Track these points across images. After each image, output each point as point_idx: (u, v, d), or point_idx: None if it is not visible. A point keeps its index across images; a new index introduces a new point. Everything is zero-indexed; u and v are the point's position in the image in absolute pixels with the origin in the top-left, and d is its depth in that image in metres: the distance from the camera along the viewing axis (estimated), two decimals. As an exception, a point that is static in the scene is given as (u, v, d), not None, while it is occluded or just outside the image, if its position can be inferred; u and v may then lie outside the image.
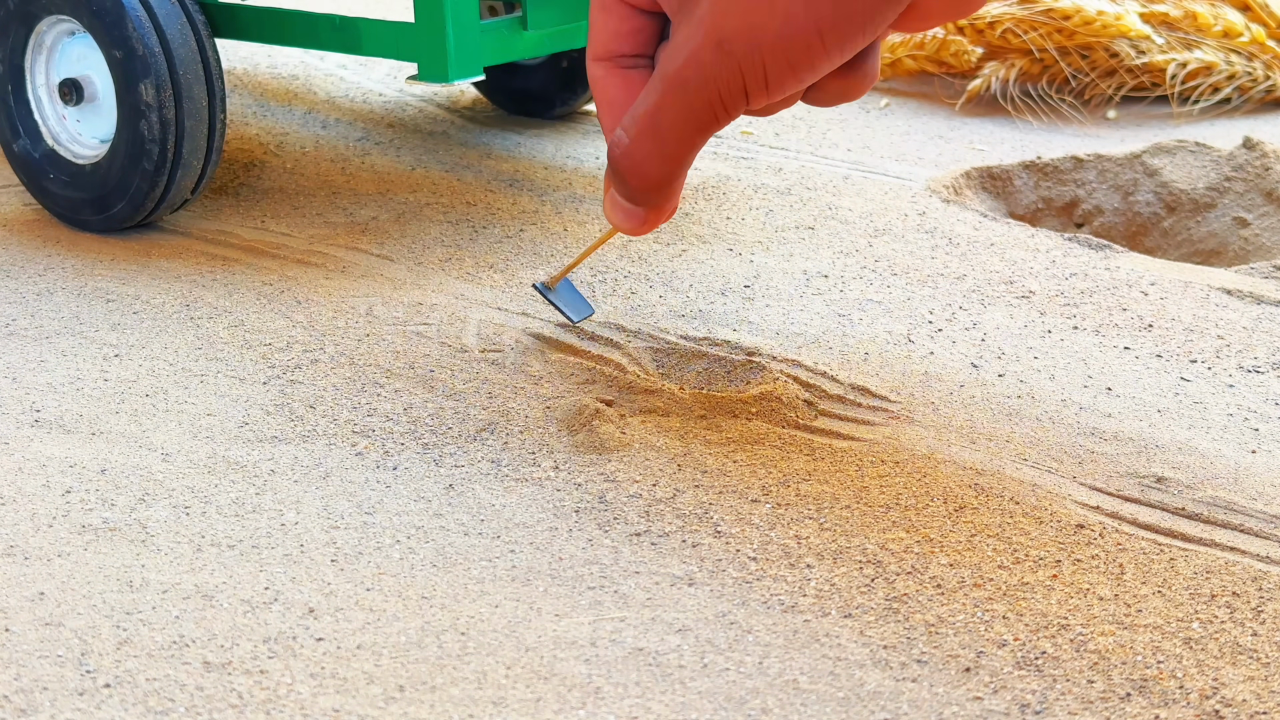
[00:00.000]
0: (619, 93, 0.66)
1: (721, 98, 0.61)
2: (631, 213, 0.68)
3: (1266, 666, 0.55)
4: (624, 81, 0.66)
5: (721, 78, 0.60)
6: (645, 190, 0.65)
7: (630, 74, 0.66)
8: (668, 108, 0.62)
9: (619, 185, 0.65)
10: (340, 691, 0.54)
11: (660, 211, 0.67)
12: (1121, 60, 1.36)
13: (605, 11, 0.65)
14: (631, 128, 0.64)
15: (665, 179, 0.65)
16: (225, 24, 0.98)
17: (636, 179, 0.65)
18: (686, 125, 0.62)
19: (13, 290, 0.89)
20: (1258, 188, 1.12)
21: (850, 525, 0.65)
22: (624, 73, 0.66)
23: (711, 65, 0.59)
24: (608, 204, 0.68)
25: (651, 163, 0.64)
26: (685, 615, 0.59)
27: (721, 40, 0.59)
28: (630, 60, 0.66)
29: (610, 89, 0.66)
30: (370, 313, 0.86)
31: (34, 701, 0.52)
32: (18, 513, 0.65)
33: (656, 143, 0.63)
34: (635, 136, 0.64)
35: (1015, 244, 0.98)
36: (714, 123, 0.62)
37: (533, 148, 1.16)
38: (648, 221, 0.67)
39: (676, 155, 0.64)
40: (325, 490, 0.68)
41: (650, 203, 0.66)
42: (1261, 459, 0.71)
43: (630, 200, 0.66)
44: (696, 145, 0.64)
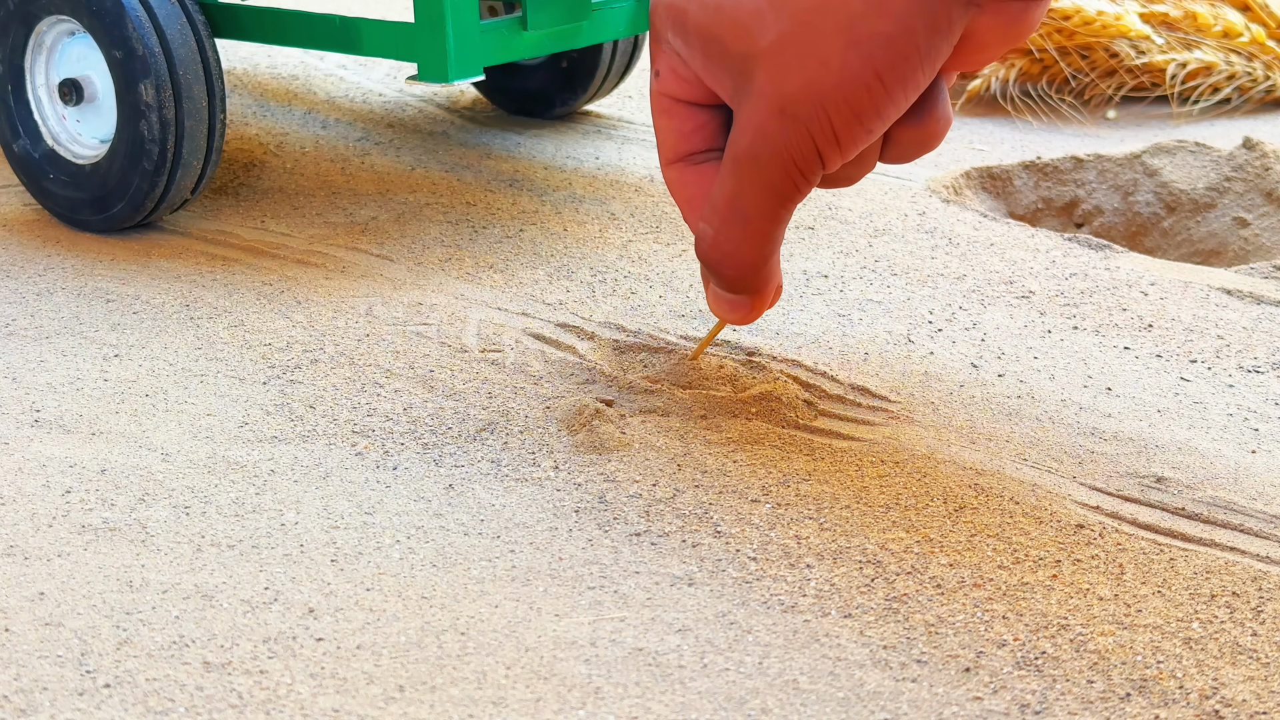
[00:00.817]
0: (697, 189, 0.65)
1: (796, 164, 0.59)
2: (736, 303, 0.66)
3: (1266, 666, 0.55)
4: (699, 176, 0.65)
5: (791, 144, 0.59)
6: (742, 278, 0.64)
7: (704, 168, 0.65)
8: (745, 188, 0.60)
9: (716, 278, 0.64)
10: (340, 691, 0.54)
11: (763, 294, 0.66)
12: (1121, 60, 1.36)
13: (667, 115, 0.64)
14: (714, 219, 0.62)
15: (758, 261, 0.63)
16: (225, 24, 0.98)
17: (731, 268, 0.63)
18: (768, 201, 0.61)
19: (13, 290, 0.89)
20: (1258, 188, 1.12)
21: (850, 525, 0.65)
22: (697, 169, 0.65)
23: (778, 134, 0.58)
24: (711, 300, 0.67)
25: (741, 249, 0.62)
26: (685, 615, 0.59)
27: (784, 106, 0.58)
28: (701, 156, 0.65)
29: (688, 187, 0.65)
30: (370, 313, 0.86)
31: (34, 701, 0.52)
32: (18, 513, 0.65)
33: (741, 227, 0.62)
34: (719, 226, 0.62)
35: (1015, 244, 0.98)
36: (794, 192, 0.60)
37: (533, 148, 1.16)
38: (755, 307, 0.66)
39: (764, 233, 0.62)
40: (325, 490, 0.68)
41: (750, 289, 0.65)
42: (1261, 459, 0.71)
43: (731, 290, 0.65)
44: (782, 220, 0.62)
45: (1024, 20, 0.58)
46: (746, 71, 0.59)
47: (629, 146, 1.17)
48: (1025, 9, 0.57)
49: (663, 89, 0.64)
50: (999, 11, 0.57)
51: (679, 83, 0.63)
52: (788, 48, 0.57)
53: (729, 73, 0.60)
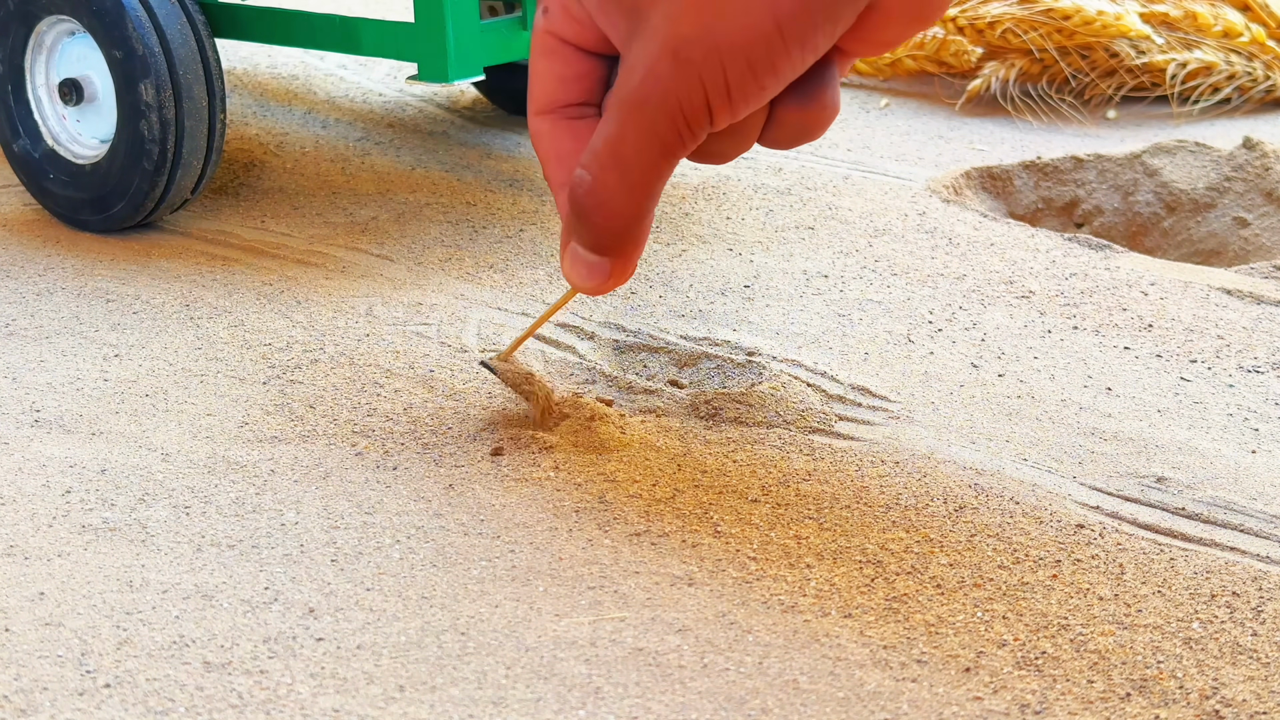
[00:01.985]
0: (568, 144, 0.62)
1: (684, 112, 0.57)
2: (596, 266, 0.64)
3: (1266, 666, 0.55)
4: (571, 132, 0.62)
5: (682, 90, 0.57)
6: (614, 231, 0.61)
7: (578, 124, 0.62)
8: (629, 133, 0.58)
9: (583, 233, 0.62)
10: (340, 691, 0.54)
11: (626, 261, 0.63)
12: (1121, 60, 1.36)
13: (549, 56, 0.62)
14: (593, 164, 0.60)
15: (634, 214, 0.61)
16: (225, 24, 0.98)
17: (605, 217, 0.61)
18: (651, 149, 0.59)
19: (13, 290, 0.89)
20: (1258, 188, 1.12)
21: (850, 525, 0.65)
22: (571, 123, 0.62)
23: (669, 77, 0.56)
24: (567, 262, 0.64)
25: (619, 196, 0.60)
26: (685, 615, 0.59)
27: (678, 48, 0.56)
28: (577, 110, 0.62)
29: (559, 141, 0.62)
30: (370, 313, 0.86)
31: (34, 701, 0.52)
32: (18, 513, 0.65)
33: (621, 173, 0.59)
34: (598, 172, 0.60)
35: (1015, 244, 0.98)
36: (679, 143, 0.58)
37: (532, 148, 1.16)
38: (613, 275, 0.63)
39: (644, 184, 0.60)
40: (325, 490, 0.68)
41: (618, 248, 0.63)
42: (1261, 459, 0.71)
43: (597, 249, 0.63)
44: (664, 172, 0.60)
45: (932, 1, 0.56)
46: (641, 10, 0.57)
47: (629, 146, 1.17)
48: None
49: (550, 27, 0.61)
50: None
51: (569, 23, 0.61)
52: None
53: (623, 13, 0.58)
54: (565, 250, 0.63)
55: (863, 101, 1.37)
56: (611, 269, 0.62)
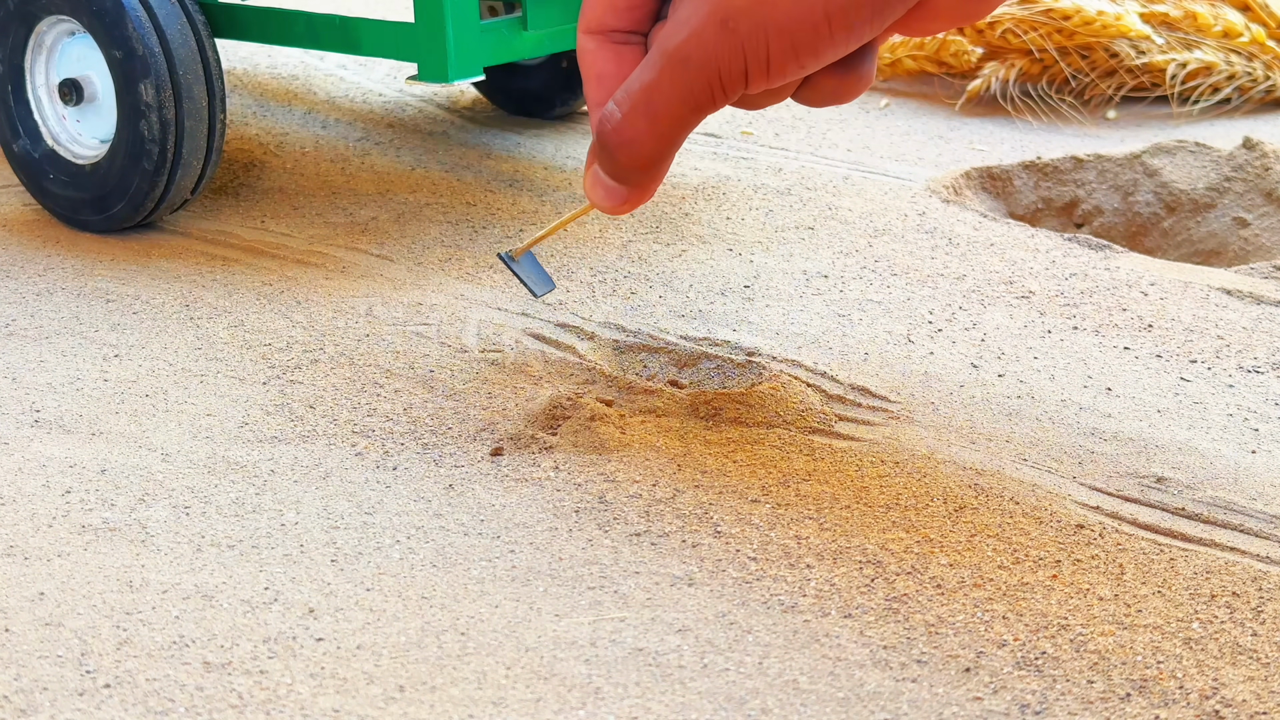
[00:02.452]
0: (610, 66, 0.64)
1: (721, 77, 0.60)
2: (614, 191, 0.66)
3: (1266, 666, 0.55)
4: (616, 56, 0.64)
5: (723, 56, 0.59)
6: (633, 168, 0.64)
7: (623, 49, 0.64)
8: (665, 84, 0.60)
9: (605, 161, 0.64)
10: (340, 691, 0.54)
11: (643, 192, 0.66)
12: (1121, 60, 1.36)
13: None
14: (625, 103, 0.62)
15: (655, 157, 0.64)
16: (225, 24, 0.98)
17: (626, 155, 0.64)
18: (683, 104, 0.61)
19: (13, 290, 0.89)
20: (1258, 188, 1.12)
21: (850, 525, 0.65)
22: (616, 48, 0.64)
23: (714, 43, 0.58)
24: (589, 180, 0.67)
25: (643, 140, 0.62)
26: (685, 615, 0.59)
27: (727, 18, 0.58)
28: (623, 36, 0.64)
29: (601, 63, 0.64)
30: (370, 313, 0.86)
31: (34, 701, 0.52)
32: (18, 513, 0.65)
33: (650, 120, 0.62)
34: (628, 112, 0.62)
35: (1015, 244, 0.98)
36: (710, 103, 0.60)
37: (533, 148, 1.16)
38: (629, 200, 0.66)
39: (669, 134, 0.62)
40: (325, 490, 0.68)
41: (636, 181, 0.65)
42: (1261, 459, 0.71)
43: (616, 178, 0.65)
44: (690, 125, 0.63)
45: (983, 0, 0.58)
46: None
47: (629, 146, 1.17)
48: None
49: None
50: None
51: None
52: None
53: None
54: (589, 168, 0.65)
55: (863, 101, 1.37)
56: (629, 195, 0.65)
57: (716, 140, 1.21)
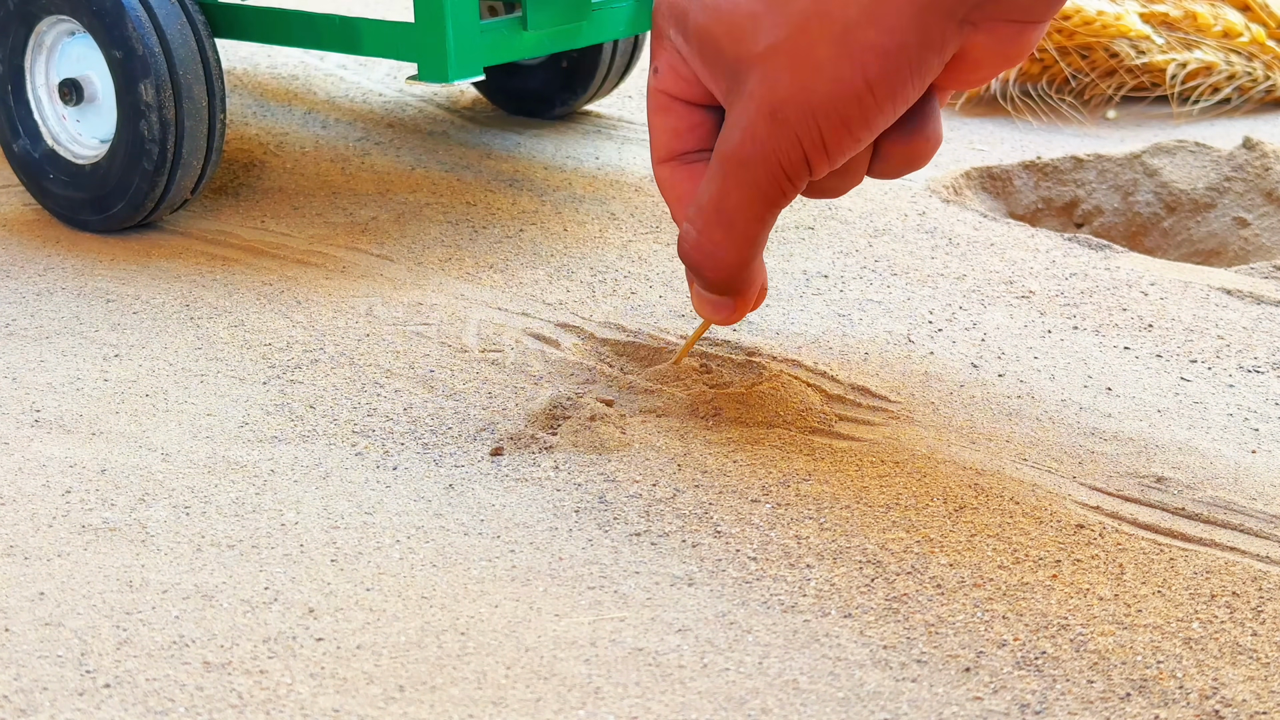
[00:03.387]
0: (687, 187, 0.65)
1: (783, 168, 0.60)
2: (719, 304, 0.67)
3: (1266, 666, 0.55)
4: (689, 175, 0.65)
5: (781, 148, 0.59)
6: (724, 279, 0.64)
7: (695, 167, 0.65)
8: (731, 190, 0.61)
9: (698, 279, 0.64)
10: (340, 691, 0.54)
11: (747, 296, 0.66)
12: (1121, 60, 1.36)
13: (663, 113, 0.64)
14: (698, 219, 0.62)
15: (740, 264, 0.63)
16: (225, 24, 0.98)
17: (713, 270, 0.63)
18: (753, 204, 0.61)
19: (13, 290, 0.89)
20: (1258, 188, 1.12)
21: (850, 525, 0.65)
22: (689, 168, 0.65)
23: (767, 137, 0.59)
24: (695, 300, 0.67)
25: (725, 250, 0.63)
26: (685, 615, 0.59)
27: (774, 110, 0.58)
28: (694, 156, 0.65)
29: (678, 186, 0.65)
30: (370, 313, 0.86)
31: (34, 701, 0.52)
32: (18, 513, 0.65)
33: (725, 228, 0.62)
34: (703, 227, 0.62)
35: (1015, 244, 0.98)
36: (780, 196, 0.61)
37: (533, 148, 1.16)
38: (738, 308, 0.67)
39: (747, 236, 0.62)
40: (325, 490, 0.68)
41: (732, 290, 0.65)
42: (1261, 459, 0.71)
43: (713, 291, 0.65)
44: (766, 223, 0.62)
45: (1020, 41, 0.58)
46: (740, 74, 0.59)
47: (629, 146, 1.17)
48: (1021, 31, 0.58)
49: (661, 86, 0.64)
50: (994, 31, 0.57)
51: (677, 80, 0.63)
52: (782, 53, 0.58)
53: (724, 74, 0.60)
54: (691, 287, 0.66)
55: (863, 101, 1.37)
56: (735, 304, 0.66)
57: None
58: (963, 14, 0.56)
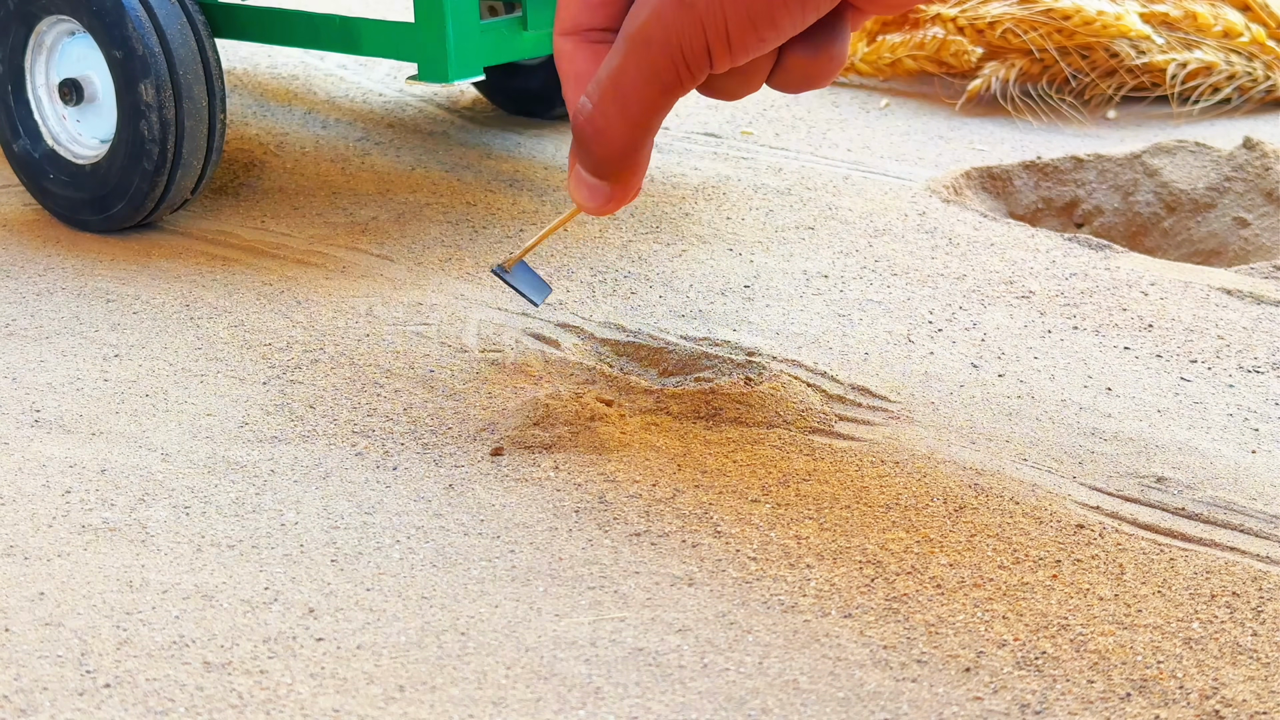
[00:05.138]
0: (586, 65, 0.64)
1: (684, 55, 0.60)
2: (596, 188, 0.67)
3: (1266, 666, 0.55)
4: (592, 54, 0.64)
5: (684, 33, 0.59)
6: (610, 159, 0.64)
7: (598, 47, 0.64)
8: (630, 68, 0.61)
9: (583, 157, 0.64)
10: (340, 691, 0.54)
11: (626, 187, 0.66)
12: (1121, 60, 1.36)
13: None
14: (595, 93, 0.62)
15: (630, 145, 0.63)
16: (225, 24, 0.98)
17: (601, 146, 0.63)
18: (650, 86, 0.61)
19: (13, 290, 0.89)
20: (1258, 188, 1.12)
21: (850, 525, 0.65)
22: (592, 46, 0.64)
23: (672, 21, 0.59)
24: (572, 182, 0.67)
25: (616, 127, 0.63)
26: (685, 615, 0.59)
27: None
28: (599, 34, 0.64)
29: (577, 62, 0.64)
30: (370, 313, 0.86)
31: (34, 701, 0.52)
32: (18, 513, 0.65)
33: (620, 106, 0.62)
34: (599, 101, 0.62)
35: (1015, 244, 0.98)
36: (677, 84, 0.61)
37: (533, 148, 1.16)
38: (613, 199, 0.66)
39: (641, 119, 0.62)
40: (325, 490, 0.68)
41: (615, 174, 0.65)
42: (1261, 459, 0.71)
43: (595, 173, 0.65)
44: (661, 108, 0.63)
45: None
46: None
47: (629, 146, 1.17)
48: None
49: None
50: None
51: None
52: None
53: None
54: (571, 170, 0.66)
55: (863, 102, 1.37)
56: (611, 192, 0.65)
57: (716, 140, 1.21)
58: None
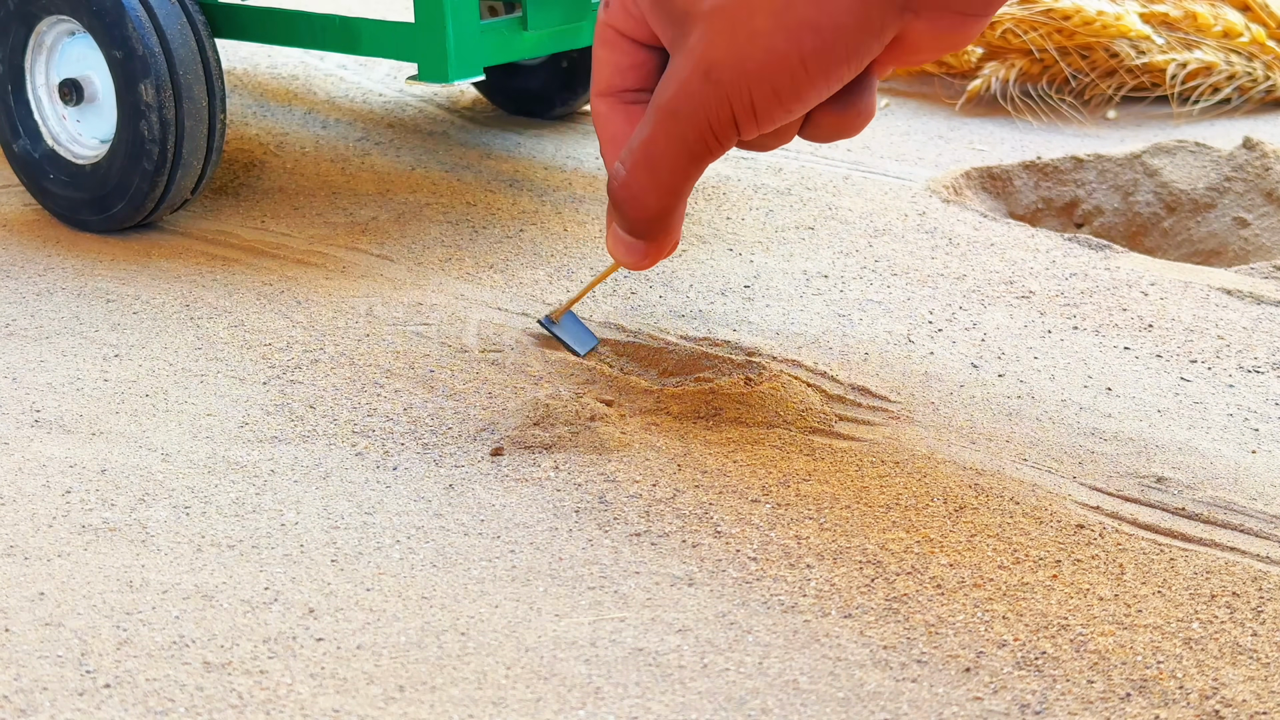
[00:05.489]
0: (621, 127, 0.66)
1: (711, 127, 0.61)
2: (633, 246, 0.68)
3: (1266, 666, 0.55)
4: (626, 116, 0.66)
5: (711, 107, 0.60)
6: (644, 221, 0.66)
7: (632, 109, 0.66)
8: (660, 138, 0.62)
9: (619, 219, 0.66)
10: (340, 691, 0.54)
11: (661, 245, 0.68)
12: (1121, 60, 1.36)
13: (608, 47, 0.66)
14: (628, 159, 0.64)
15: (662, 210, 0.65)
16: (225, 24, 0.98)
17: (635, 210, 0.65)
18: (679, 155, 0.62)
19: (13, 290, 0.89)
20: (1258, 188, 1.12)
21: (850, 525, 0.65)
22: (626, 108, 0.66)
23: (700, 95, 0.60)
24: (610, 238, 0.68)
25: (648, 194, 0.64)
26: (685, 615, 0.59)
27: (709, 69, 0.59)
28: (633, 95, 0.66)
29: (613, 124, 0.66)
30: (370, 313, 0.86)
31: (34, 702, 0.52)
32: (18, 513, 0.65)
33: (651, 173, 0.63)
34: (631, 168, 0.64)
35: (1015, 244, 0.98)
36: (706, 153, 0.62)
37: (533, 148, 1.16)
38: (649, 255, 0.68)
39: (671, 185, 0.64)
40: (325, 490, 0.68)
41: (650, 235, 0.67)
42: (1261, 459, 0.71)
43: (631, 233, 0.67)
44: (691, 176, 0.64)
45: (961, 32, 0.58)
46: (685, 26, 0.60)
47: (629, 146, 1.17)
48: (963, 21, 0.58)
49: (610, 20, 0.65)
50: (936, 20, 0.58)
51: (626, 18, 0.65)
52: (724, 15, 0.59)
53: (671, 22, 0.61)
54: (609, 226, 0.67)
55: (863, 101, 1.37)
56: (647, 249, 0.67)
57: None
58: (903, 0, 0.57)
